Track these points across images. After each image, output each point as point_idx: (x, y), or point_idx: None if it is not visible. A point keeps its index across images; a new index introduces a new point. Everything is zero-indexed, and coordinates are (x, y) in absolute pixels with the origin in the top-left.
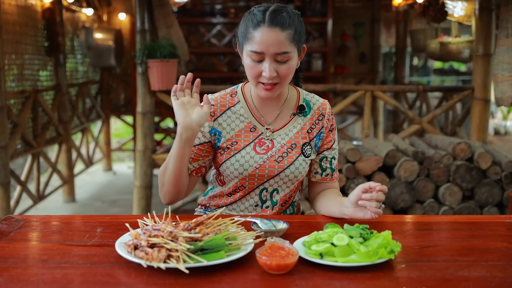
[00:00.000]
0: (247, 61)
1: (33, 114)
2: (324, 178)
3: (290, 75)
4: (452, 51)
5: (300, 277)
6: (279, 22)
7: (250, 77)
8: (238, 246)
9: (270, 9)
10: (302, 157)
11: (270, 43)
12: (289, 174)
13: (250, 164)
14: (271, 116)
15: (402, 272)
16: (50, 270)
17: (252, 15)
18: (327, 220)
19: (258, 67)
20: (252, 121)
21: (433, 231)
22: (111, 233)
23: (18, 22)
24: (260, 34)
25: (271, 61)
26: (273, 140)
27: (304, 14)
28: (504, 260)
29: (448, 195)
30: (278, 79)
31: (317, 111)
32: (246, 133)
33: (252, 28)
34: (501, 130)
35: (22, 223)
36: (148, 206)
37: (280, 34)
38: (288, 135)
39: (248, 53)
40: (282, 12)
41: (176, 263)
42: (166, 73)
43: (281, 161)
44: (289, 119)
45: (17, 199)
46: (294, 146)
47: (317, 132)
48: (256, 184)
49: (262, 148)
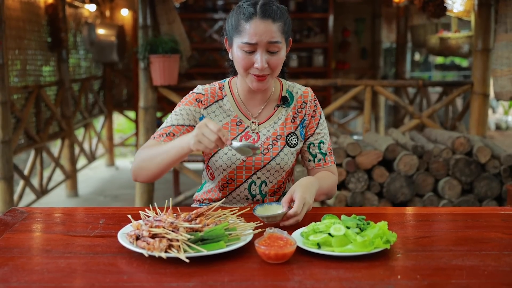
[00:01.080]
0: (238, 53)
1: (36, 109)
2: (318, 164)
3: (280, 66)
4: (452, 46)
5: (298, 267)
6: (271, 15)
7: (241, 69)
8: (237, 236)
9: (261, 3)
10: (287, 147)
11: (263, 33)
12: (275, 165)
13: (238, 157)
14: (257, 110)
15: (398, 261)
16: (54, 260)
17: (243, 8)
18: (324, 211)
19: (249, 58)
20: (238, 115)
21: (430, 222)
22: (113, 225)
23: (21, 17)
24: (253, 26)
25: (263, 52)
26: (258, 133)
27: (305, 10)
28: (498, 249)
29: (448, 189)
30: (269, 70)
31: (299, 99)
32: (232, 126)
33: (244, 21)
34: (502, 125)
35: (26, 214)
36: (150, 200)
37: (272, 25)
38: (273, 127)
39: (240, 45)
40: (272, 6)
41: (177, 253)
42: (168, 69)
43: (267, 153)
44: (273, 111)
45: (20, 194)
46: (279, 137)
47: (300, 120)
48: (244, 178)
49: (248, 141)
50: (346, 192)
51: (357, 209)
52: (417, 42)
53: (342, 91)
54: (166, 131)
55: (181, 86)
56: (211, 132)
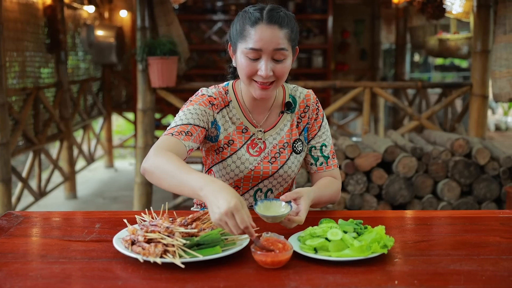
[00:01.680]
0: (242, 59)
1: (35, 111)
2: (320, 167)
3: (286, 75)
4: (451, 47)
5: (295, 272)
6: (278, 20)
7: (244, 76)
8: (233, 241)
9: (268, 8)
10: (293, 154)
11: (269, 39)
12: (282, 174)
13: (246, 166)
14: (262, 117)
15: (395, 266)
16: (49, 265)
17: (249, 13)
18: (322, 215)
19: (253, 65)
20: (244, 122)
21: (428, 226)
22: (109, 229)
23: (19, 19)
24: (259, 31)
25: (268, 60)
26: (265, 141)
27: (304, 11)
28: (496, 254)
29: (447, 191)
30: (274, 77)
31: (302, 104)
32: (238, 134)
33: (249, 26)
34: (502, 126)
35: (21, 219)
36: (148, 202)
37: (278, 32)
38: (279, 134)
39: (244, 51)
40: (280, 11)
41: (172, 258)
42: (166, 70)
43: (274, 162)
44: (278, 118)
45: (19, 196)
46: (286, 145)
47: (304, 125)
48: (250, 185)
49: (255, 150)
50: (345, 194)
51: (355, 213)
52: (416, 43)
53: (342, 92)
54: (184, 129)
55: (179, 88)
56: (235, 226)
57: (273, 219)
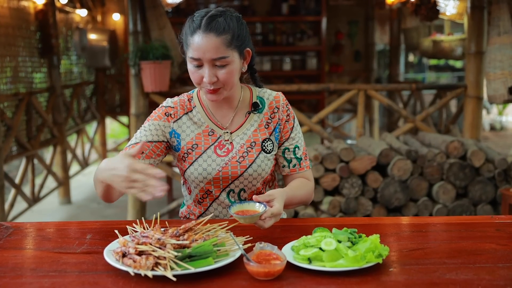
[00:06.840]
0: (190, 66)
1: (27, 117)
2: (293, 169)
3: (232, 79)
4: (445, 49)
5: (288, 283)
6: (213, 28)
7: (194, 82)
8: (226, 252)
9: (208, 15)
10: (263, 154)
11: (206, 49)
12: (252, 173)
13: (213, 167)
14: (227, 119)
15: (390, 276)
16: (38, 279)
17: (191, 21)
18: (315, 222)
19: (199, 72)
20: (210, 125)
21: (423, 233)
22: (100, 240)
23: (10, 24)
24: (196, 40)
25: (210, 67)
26: (232, 142)
27: (298, 13)
28: (492, 262)
29: (442, 193)
30: (220, 83)
31: (270, 105)
32: (205, 137)
33: (189, 35)
34: (496, 126)
35: (11, 230)
36: (143, 208)
37: (215, 40)
38: (246, 134)
39: (189, 59)
40: (218, 18)
41: (163, 271)
42: (159, 75)
43: (243, 161)
44: (245, 118)
45: (12, 202)
46: (254, 144)
47: (275, 125)
48: (222, 187)
49: (223, 151)
50: (340, 197)
51: (349, 220)
52: (410, 44)
53: (336, 94)
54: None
55: (172, 92)
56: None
57: (249, 219)
